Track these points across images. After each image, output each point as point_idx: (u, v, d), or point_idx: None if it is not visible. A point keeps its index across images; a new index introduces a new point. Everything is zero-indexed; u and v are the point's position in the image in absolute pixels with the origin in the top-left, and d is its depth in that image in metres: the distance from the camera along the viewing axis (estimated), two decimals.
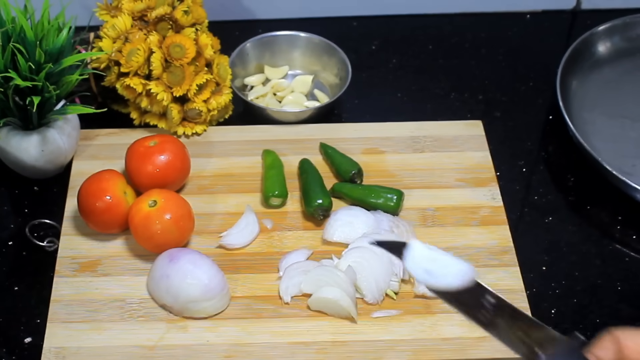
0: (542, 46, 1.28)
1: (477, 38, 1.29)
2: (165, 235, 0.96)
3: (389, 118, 1.16)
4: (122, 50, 1.06)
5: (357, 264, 0.96)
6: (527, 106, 1.19)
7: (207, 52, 1.10)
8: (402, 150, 1.11)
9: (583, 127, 1.12)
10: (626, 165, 1.08)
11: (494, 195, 1.06)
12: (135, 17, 1.09)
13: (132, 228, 0.98)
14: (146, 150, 1.03)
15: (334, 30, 1.24)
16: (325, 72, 1.20)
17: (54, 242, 1.01)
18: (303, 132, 1.13)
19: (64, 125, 1.04)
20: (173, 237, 0.97)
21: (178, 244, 0.98)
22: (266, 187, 1.05)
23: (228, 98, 1.13)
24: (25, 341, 0.93)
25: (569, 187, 1.10)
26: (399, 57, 1.26)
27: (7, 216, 1.06)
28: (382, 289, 0.95)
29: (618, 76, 1.21)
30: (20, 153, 1.03)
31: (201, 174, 1.08)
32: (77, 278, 0.98)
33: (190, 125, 1.12)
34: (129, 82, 1.07)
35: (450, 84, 1.22)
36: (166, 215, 0.96)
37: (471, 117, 1.16)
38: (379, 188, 1.04)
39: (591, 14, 1.31)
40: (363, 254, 0.96)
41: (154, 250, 0.97)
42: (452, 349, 0.91)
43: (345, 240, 0.99)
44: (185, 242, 1.00)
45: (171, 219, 0.97)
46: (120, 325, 0.93)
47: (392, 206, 1.03)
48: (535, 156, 1.14)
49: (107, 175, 1.01)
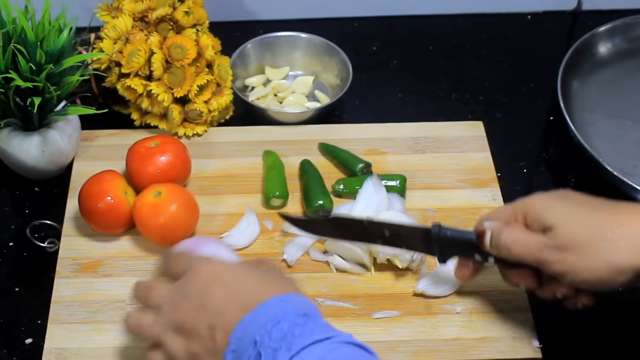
0: (543, 47, 1.28)
1: (478, 39, 1.29)
2: (175, 223, 0.97)
3: (390, 119, 1.16)
4: (123, 51, 1.06)
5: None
6: (528, 107, 1.19)
7: (208, 53, 1.10)
8: (403, 151, 1.11)
9: (584, 128, 1.12)
10: (627, 166, 1.08)
11: (495, 196, 1.06)
12: (136, 18, 1.09)
13: (138, 221, 0.98)
14: (147, 151, 1.03)
15: (335, 31, 1.24)
16: (326, 73, 1.20)
17: (55, 243, 1.01)
18: (304, 133, 1.13)
19: (65, 126, 1.04)
20: (182, 224, 0.98)
21: (186, 232, 0.98)
22: (267, 187, 1.05)
23: (229, 99, 1.13)
24: (26, 342, 0.93)
25: (570, 188, 1.09)
26: (400, 57, 1.26)
27: (8, 217, 1.06)
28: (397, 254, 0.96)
29: (619, 77, 1.21)
30: (21, 154, 1.03)
31: (202, 175, 1.08)
32: (78, 279, 0.98)
33: (191, 126, 1.12)
34: (130, 83, 1.07)
35: (451, 85, 1.22)
36: (172, 205, 0.97)
37: (472, 117, 1.16)
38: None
39: (592, 14, 1.31)
40: (391, 217, 0.98)
41: (161, 241, 0.98)
42: (453, 350, 0.91)
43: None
44: (192, 231, 1.00)
45: (178, 207, 0.97)
46: (121, 326, 0.93)
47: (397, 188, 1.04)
48: (536, 157, 1.14)
49: (108, 176, 1.01)
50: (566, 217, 0.81)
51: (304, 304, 0.75)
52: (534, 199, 0.84)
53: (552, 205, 0.82)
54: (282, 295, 0.74)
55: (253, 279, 0.79)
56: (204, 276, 0.78)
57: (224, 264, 0.81)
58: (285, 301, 0.74)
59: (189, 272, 0.79)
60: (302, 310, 0.73)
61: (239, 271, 0.80)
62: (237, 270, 0.80)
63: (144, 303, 0.82)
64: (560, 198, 0.84)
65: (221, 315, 0.75)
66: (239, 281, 0.78)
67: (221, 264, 0.81)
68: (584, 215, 0.81)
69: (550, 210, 0.82)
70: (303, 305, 0.74)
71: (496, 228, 0.85)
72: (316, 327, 0.71)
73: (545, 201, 0.83)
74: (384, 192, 1.01)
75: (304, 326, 0.71)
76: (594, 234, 0.79)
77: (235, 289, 0.77)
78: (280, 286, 0.77)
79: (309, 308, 0.74)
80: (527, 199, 0.85)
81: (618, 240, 0.78)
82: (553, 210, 0.82)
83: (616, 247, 0.78)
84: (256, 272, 0.80)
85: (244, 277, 0.79)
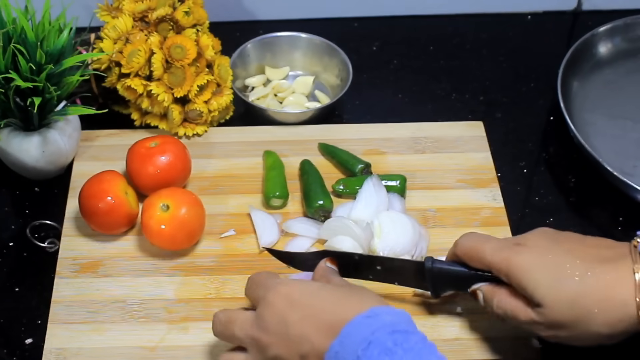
0: (543, 47, 1.28)
1: (478, 39, 1.29)
2: (184, 230, 0.98)
3: (390, 119, 1.16)
4: (123, 51, 1.06)
5: (384, 225, 0.98)
6: (528, 107, 1.19)
7: (208, 53, 1.10)
8: (403, 151, 1.11)
9: (584, 128, 1.12)
10: (627, 166, 1.08)
11: (495, 196, 1.06)
12: (136, 18, 1.09)
13: (146, 232, 0.98)
14: (147, 151, 1.03)
15: (335, 31, 1.24)
16: (326, 73, 1.20)
17: (55, 243, 1.01)
18: (304, 133, 1.13)
19: (65, 126, 1.04)
20: (191, 231, 0.98)
21: (194, 237, 0.99)
22: (267, 188, 1.05)
23: (229, 99, 1.13)
24: (26, 342, 0.93)
25: (570, 188, 1.10)
26: (400, 58, 1.26)
27: (8, 217, 1.06)
28: (397, 255, 0.96)
29: (619, 77, 1.21)
30: (21, 154, 1.03)
31: (202, 175, 1.08)
32: (78, 279, 0.98)
33: (191, 126, 1.12)
34: (130, 83, 1.07)
35: (451, 85, 1.22)
36: (181, 213, 0.97)
37: (472, 118, 1.16)
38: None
39: (592, 14, 1.31)
40: (392, 217, 0.98)
41: (169, 247, 0.99)
42: (453, 350, 0.91)
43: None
44: (200, 234, 1.01)
45: (186, 214, 0.97)
46: (121, 327, 0.93)
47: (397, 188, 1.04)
48: (536, 157, 1.14)
49: (108, 176, 1.01)
50: (552, 294, 0.79)
51: (390, 316, 0.74)
52: (516, 260, 0.82)
53: (536, 275, 0.80)
54: (366, 312, 0.74)
55: (328, 297, 0.78)
56: (278, 305, 0.78)
57: (293, 284, 0.80)
58: (370, 317, 0.73)
59: (263, 303, 0.79)
60: (391, 326, 0.72)
61: (312, 290, 0.79)
62: (310, 290, 0.79)
63: (227, 338, 0.83)
64: (540, 259, 0.81)
65: (309, 342, 0.75)
66: (315, 302, 0.78)
67: (291, 285, 0.80)
68: (569, 289, 0.79)
69: (535, 283, 0.80)
70: (390, 319, 0.73)
71: (487, 292, 0.85)
72: (405, 353, 0.70)
73: (527, 268, 0.81)
74: (384, 192, 1.02)
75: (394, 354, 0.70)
76: (580, 312, 0.79)
77: (313, 312, 0.77)
78: (358, 300, 0.77)
79: (396, 321, 0.73)
80: (507, 254, 0.82)
81: (604, 314, 0.78)
82: (538, 282, 0.80)
83: (604, 320, 0.78)
84: (328, 288, 0.80)
85: (318, 297, 0.78)
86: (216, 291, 0.97)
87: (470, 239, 0.87)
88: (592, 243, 0.83)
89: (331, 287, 0.81)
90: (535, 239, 0.84)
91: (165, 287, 0.97)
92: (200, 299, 0.96)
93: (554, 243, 0.83)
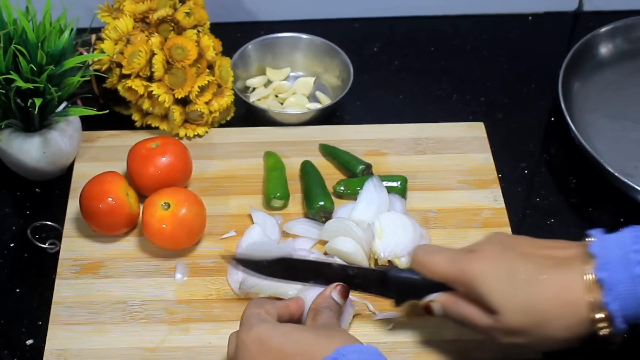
0: (544, 48, 1.28)
1: (479, 40, 1.29)
2: (184, 230, 0.98)
3: (391, 120, 1.16)
4: (124, 52, 1.06)
5: (385, 226, 0.97)
6: (529, 108, 1.19)
7: (209, 53, 1.10)
8: (404, 152, 1.11)
9: (585, 129, 1.12)
10: (628, 167, 1.08)
11: (496, 197, 1.06)
12: (137, 19, 1.09)
13: (147, 232, 0.98)
14: (148, 152, 1.03)
15: (336, 32, 1.24)
16: (327, 74, 1.20)
17: (56, 244, 1.01)
18: (305, 134, 1.13)
19: (66, 127, 1.04)
20: (191, 230, 0.99)
21: (196, 236, 1.00)
22: (268, 188, 1.05)
23: (230, 100, 1.13)
24: (27, 343, 0.93)
25: (571, 189, 1.10)
26: (401, 58, 1.26)
27: (9, 218, 1.06)
28: (397, 256, 0.96)
29: (620, 78, 1.21)
30: (21, 155, 1.03)
31: (203, 176, 1.08)
32: (79, 280, 0.98)
33: (191, 127, 1.12)
34: (131, 84, 1.07)
35: (452, 86, 1.22)
36: (181, 213, 0.97)
37: (473, 118, 1.16)
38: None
39: (593, 15, 1.31)
40: (392, 218, 0.98)
41: (170, 247, 0.99)
42: (454, 351, 0.91)
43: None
44: (202, 233, 1.01)
45: (187, 215, 0.97)
46: (122, 327, 0.93)
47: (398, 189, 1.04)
48: (537, 158, 1.14)
49: (109, 177, 1.01)
50: (507, 301, 0.79)
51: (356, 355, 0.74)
52: (469, 268, 0.81)
53: (490, 282, 0.80)
54: (332, 354, 0.74)
55: (299, 340, 0.79)
56: (250, 348, 0.79)
57: (267, 328, 0.81)
58: (336, 359, 0.74)
59: (240, 344, 0.80)
60: None
61: (283, 333, 0.80)
62: (281, 333, 0.80)
63: None
64: (494, 265, 0.81)
65: None
66: (285, 347, 0.78)
67: (265, 327, 0.81)
68: (523, 294, 0.79)
69: (490, 290, 0.80)
70: (356, 357, 0.74)
71: (445, 301, 0.84)
72: None
73: (481, 276, 0.80)
74: (385, 193, 1.02)
75: None
76: (536, 318, 0.78)
77: (283, 357, 0.77)
78: (326, 342, 0.77)
79: (363, 358, 0.74)
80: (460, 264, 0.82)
81: (559, 318, 0.78)
82: (493, 289, 0.80)
83: (560, 324, 0.78)
84: (298, 330, 0.81)
85: (289, 341, 0.79)
86: (217, 292, 0.97)
87: (421, 252, 0.87)
88: (546, 245, 0.83)
89: (301, 329, 0.82)
90: (487, 246, 0.84)
91: (166, 288, 0.97)
92: (201, 300, 0.96)
93: (507, 248, 0.82)
